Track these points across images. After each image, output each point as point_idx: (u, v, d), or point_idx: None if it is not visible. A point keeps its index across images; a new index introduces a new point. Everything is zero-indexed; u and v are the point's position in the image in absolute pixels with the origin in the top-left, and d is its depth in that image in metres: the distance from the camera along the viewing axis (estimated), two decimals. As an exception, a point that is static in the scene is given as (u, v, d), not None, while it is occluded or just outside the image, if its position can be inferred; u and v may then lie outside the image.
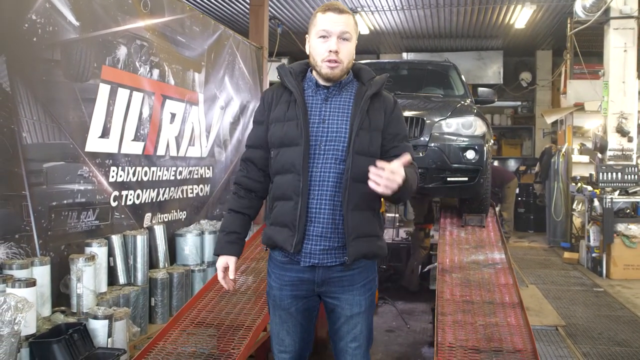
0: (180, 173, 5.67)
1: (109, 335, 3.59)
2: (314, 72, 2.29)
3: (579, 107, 8.92)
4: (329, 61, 2.18)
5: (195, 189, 6.05)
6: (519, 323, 3.73)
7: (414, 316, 5.75)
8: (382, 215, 2.38)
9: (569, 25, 9.40)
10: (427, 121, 4.87)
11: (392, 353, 4.81)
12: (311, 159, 2.19)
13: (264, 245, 2.38)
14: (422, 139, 4.79)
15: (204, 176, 6.23)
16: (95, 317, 3.55)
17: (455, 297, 4.09)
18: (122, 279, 4.41)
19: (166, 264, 5.10)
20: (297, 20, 10.42)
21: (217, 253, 2.36)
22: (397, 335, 5.24)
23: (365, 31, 10.64)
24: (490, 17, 9.85)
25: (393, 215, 11.15)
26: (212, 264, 5.70)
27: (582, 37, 8.81)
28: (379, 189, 1.96)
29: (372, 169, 1.97)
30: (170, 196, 5.49)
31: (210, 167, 6.41)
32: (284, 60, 13.00)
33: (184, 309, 3.94)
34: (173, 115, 5.46)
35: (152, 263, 4.87)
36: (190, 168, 5.88)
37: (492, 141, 5.23)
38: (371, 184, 1.98)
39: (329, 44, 2.18)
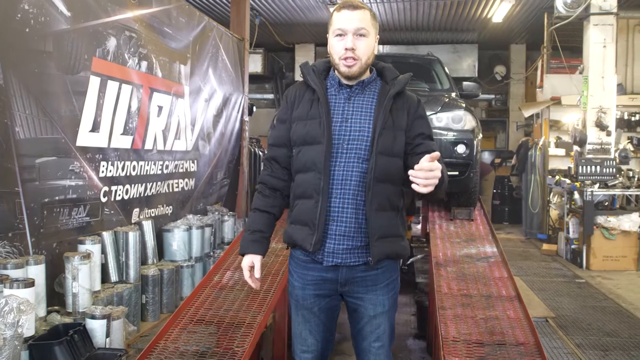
0: (167, 167, 5.57)
1: (107, 335, 3.50)
2: (336, 70, 2.26)
3: (556, 101, 9.07)
4: (346, 59, 2.16)
5: (181, 183, 5.95)
6: (519, 316, 3.77)
7: (395, 308, 5.76)
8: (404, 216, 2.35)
9: (546, 20, 9.54)
10: (418, 115, 4.87)
11: (379, 346, 4.80)
12: (333, 158, 2.16)
13: (285, 244, 2.35)
14: None
15: (188, 170, 6.14)
16: (93, 317, 3.46)
17: (452, 291, 4.11)
18: (113, 276, 4.32)
19: (155, 260, 5.01)
20: (275, 12, 10.32)
21: (242, 252, 2.31)
22: (381, 328, 5.25)
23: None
24: (469, 11, 9.91)
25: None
26: (200, 259, 5.63)
27: (558, 31, 8.93)
28: (422, 189, 1.89)
29: (410, 172, 1.90)
30: (157, 191, 5.39)
31: (195, 161, 6.31)
32: (260, 51, 12.89)
33: (182, 307, 3.87)
34: (160, 108, 5.35)
35: (141, 259, 4.77)
36: (176, 162, 5.78)
37: (480, 135, 5.27)
38: (414, 187, 1.90)
39: (345, 41, 2.15)
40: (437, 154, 1.95)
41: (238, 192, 7.97)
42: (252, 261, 2.28)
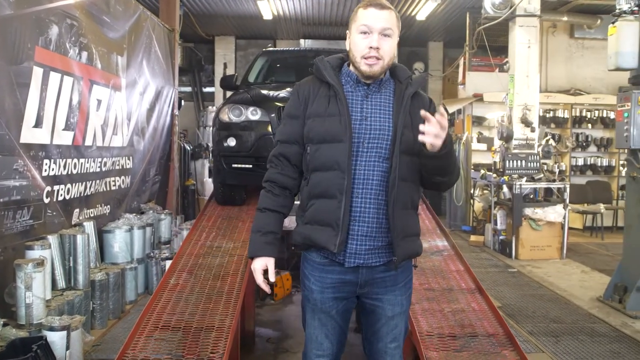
0: (105, 164, 5.25)
1: (67, 347, 3.25)
2: (352, 67, 2.20)
3: (478, 98, 9.43)
4: (369, 58, 2.10)
5: (118, 180, 5.64)
6: (483, 308, 3.89)
7: (331, 303, 5.74)
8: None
9: (468, 20, 9.87)
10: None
11: (323, 342, 4.77)
12: (354, 157, 2.11)
13: (295, 246, 2.25)
14: None
15: (124, 167, 5.82)
16: (52, 329, 3.20)
17: (415, 286, 4.11)
18: (61, 283, 4.01)
19: (97, 264, 4.71)
20: (198, 1, 10.00)
21: (254, 255, 2.17)
22: (322, 323, 5.22)
23: (269, 17, 10.46)
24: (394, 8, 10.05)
25: (295, 202, 11.11)
26: (142, 261, 5.37)
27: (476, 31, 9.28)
28: (429, 139, 1.95)
29: (421, 127, 1.96)
30: (96, 189, 5.07)
31: (130, 157, 6.00)
32: (179, 42, 12.45)
33: (144, 313, 3.65)
34: (99, 102, 5.03)
35: (86, 263, 4.47)
36: (113, 159, 5.47)
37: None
38: (421, 137, 1.96)
39: (370, 40, 2.10)
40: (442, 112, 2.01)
41: (169, 189, 7.68)
42: (265, 264, 2.17)
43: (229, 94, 13.84)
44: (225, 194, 5.26)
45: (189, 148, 9.09)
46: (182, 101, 8.73)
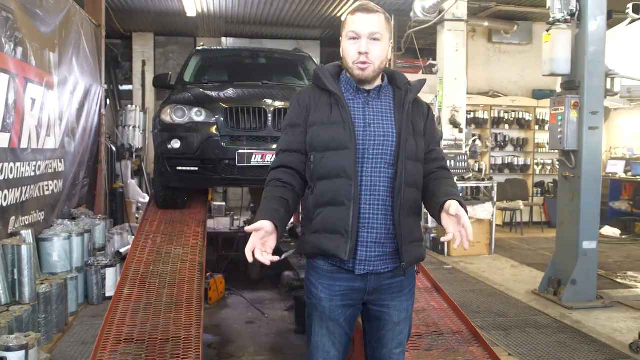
0: (39, 168, 4.92)
1: (25, 367, 3.02)
2: (349, 74, 2.19)
3: (404, 99, 9.66)
4: (360, 63, 2.11)
5: (51, 185, 5.30)
6: (443, 306, 3.98)
7: (265, 305, 5.65)
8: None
9: (393, 22, 10.08)
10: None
11: (264, 344, 4.72)
12: (360, 164, 2.11)
13: (301, 255, 2.21)
14: None
15: (57, 170, 5.49)
16: (9, 349, 2.96)
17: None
18: (4, 297, 3.72)
19: (38, 275, 4.41)
20: (119, -3, 9.59)
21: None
22: (259, 326, 5.12)
23: (193, 14, 10.19)
24: (316, 7, 10.07)
25: (220, 203, 10.91)
26: (81, 269, 5.09)
27: (401, 33, 9.51)
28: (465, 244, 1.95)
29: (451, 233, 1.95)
30: (30, 195, 4.74)
31: (62, 160, 5.66)
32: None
33: (104, 327, 3.46)
34: (33, 101, 4.71)
35: (27, 275, 4.17)
36: (46, 162, 5.13)
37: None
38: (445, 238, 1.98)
39: (359, 45, 2.10)
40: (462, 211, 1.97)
41: (97, 192, 7.32)
42: (261, 225, 1.93)
43: (150, 93, 13.27)
44: (167, 198, 5.08)
45: (114, 148, 8.71)
46: (109, 100, 8.33)
